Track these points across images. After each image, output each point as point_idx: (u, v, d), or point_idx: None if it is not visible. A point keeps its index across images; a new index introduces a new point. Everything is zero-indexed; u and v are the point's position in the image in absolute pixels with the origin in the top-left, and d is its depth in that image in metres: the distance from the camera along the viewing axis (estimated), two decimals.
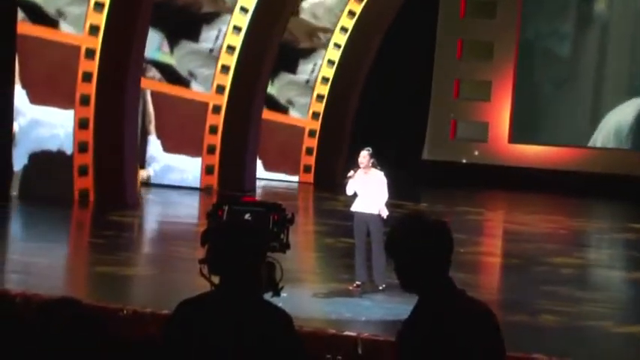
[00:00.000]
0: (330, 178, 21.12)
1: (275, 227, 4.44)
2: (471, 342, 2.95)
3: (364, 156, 9.37)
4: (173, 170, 18.43)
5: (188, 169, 18.46)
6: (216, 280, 3.29)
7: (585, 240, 14.46)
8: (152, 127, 18.34)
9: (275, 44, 19.00)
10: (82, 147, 15.02)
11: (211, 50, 18.24)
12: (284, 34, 19.37)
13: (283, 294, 3.95)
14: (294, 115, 21.52)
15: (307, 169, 21.90)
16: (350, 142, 21.48)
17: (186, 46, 18.21)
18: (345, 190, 9.42)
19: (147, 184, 17.74)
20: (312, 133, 21.75)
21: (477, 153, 23.69)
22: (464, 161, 23.53)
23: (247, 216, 4.45)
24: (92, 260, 10.66)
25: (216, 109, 18.65)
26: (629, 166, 22.39)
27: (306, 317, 7.56)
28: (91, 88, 14.94)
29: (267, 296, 3.54)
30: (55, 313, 2.87)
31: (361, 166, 9.36)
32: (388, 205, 9.49)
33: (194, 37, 18.25)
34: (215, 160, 18.72)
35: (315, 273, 10.63)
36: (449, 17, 24.04)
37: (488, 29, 23.69)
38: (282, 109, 21.40)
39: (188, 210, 16.71)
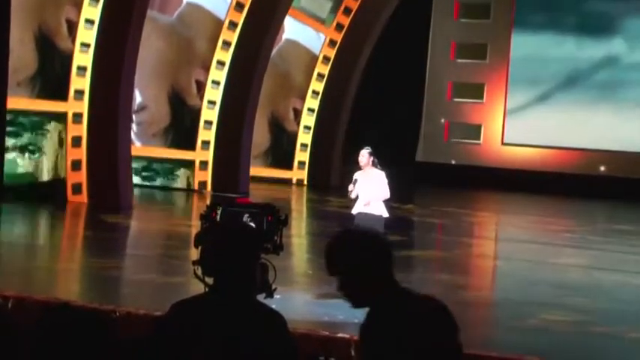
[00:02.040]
0: (324, 179, 21.12)
1: (268, 229, 4.45)
2: (423, 342, 2.90)
3: (364, 155, 9.23)
4: None
5: None
6: (210, 281, 3.30)
7: (579, 242, 14.50)
8: None
9: (270, 44, 19.00)
10: (75, 141, 15.03)
11: None
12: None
13: (276, 295, 3.96)
14: None
15: (301, 166, 21.90)
16: (344, 144, 21.50)
17: None
18: (348, 194, 9.35)
19: None
20: (306, 129, 21.77)
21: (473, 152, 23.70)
22: (453, 162, 23.58)
23: (246, 217, 4.46)
24: (85, 262, 10.66)
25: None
26: (625, 168, 22.47)
27: (299, 319, 7.56)
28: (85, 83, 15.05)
29: (261, 298, 3.55)
30: (51, 320, 2.87)
31: (361, 165, 9.25)
32: (386, 206, 9.46)
33: None
34: (208, 161, 18.74)
35: (308, 275, 10.64)
36: (442, 19, 24.07)
37: (482, 31, 23.73)
38: None
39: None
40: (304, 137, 21.78)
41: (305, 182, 21.62)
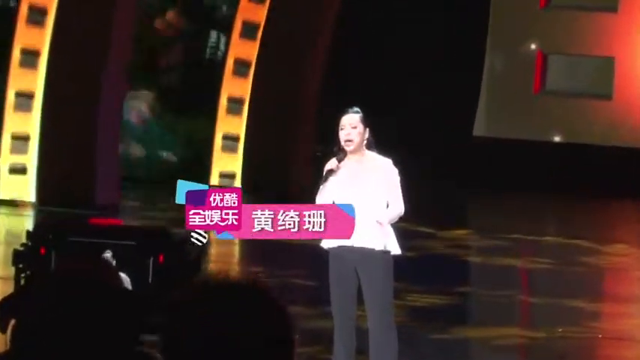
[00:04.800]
0: (278, 180, 21.33)
1: (160, 280, 4.47)
2: None
3: (353, 124, 9.24)
4: None
5: None
6: None
7: None
8: None
9: None
10: None
11: None
12: None
13: None
14: None
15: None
16: (321, 109, 21.66)
17: None
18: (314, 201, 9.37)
19: None
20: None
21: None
22: (556, 139, 23.87)
23: (108, 255, 4.53)
24: None
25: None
26: None
27: None
28: None
29: None
30: None
31: (348, 146, 9.25)
32: (402, 229, 9.50)
33: None
34: (27, 154, 19.18)
35: None
36: None
37: None
38: None
39: None
40: None
41: None
